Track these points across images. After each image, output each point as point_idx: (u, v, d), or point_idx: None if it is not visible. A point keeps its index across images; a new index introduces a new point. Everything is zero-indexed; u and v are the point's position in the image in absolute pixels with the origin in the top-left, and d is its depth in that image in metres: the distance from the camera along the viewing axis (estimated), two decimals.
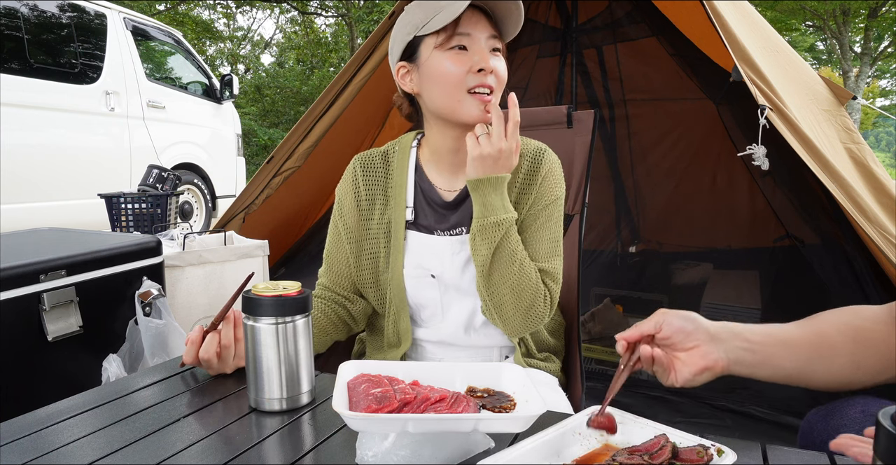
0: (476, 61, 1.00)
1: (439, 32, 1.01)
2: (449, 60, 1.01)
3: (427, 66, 1.03)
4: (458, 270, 1.09)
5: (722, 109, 2.71)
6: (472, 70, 1.00)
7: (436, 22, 1.00)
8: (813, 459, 0.67)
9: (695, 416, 2.24)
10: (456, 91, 1.01)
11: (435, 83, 1.03)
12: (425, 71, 1.04)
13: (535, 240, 1.08)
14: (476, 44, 1.01)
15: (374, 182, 1.14)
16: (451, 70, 1.00)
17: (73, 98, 4.16)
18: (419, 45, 1.04)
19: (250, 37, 18.14)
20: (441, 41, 1.01)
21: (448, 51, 1.01)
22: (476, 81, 1.00)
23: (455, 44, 1.01)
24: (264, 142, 12.87)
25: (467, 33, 1.01)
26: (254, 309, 0.79)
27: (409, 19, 1.05)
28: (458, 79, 1.00)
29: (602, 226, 3.44)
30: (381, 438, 0.65)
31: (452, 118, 1.04)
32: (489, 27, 1.03)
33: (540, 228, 1.09)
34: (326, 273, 1.18)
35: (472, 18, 1.01)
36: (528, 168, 1.11)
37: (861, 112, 14.54)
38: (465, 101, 1.01)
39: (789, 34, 15.30)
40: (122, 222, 2.67)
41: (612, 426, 0.69)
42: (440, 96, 1.03)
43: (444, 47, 1.01)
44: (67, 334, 1.45)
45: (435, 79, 1.02)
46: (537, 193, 1.09)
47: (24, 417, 0.78)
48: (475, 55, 1.01)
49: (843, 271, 2.11)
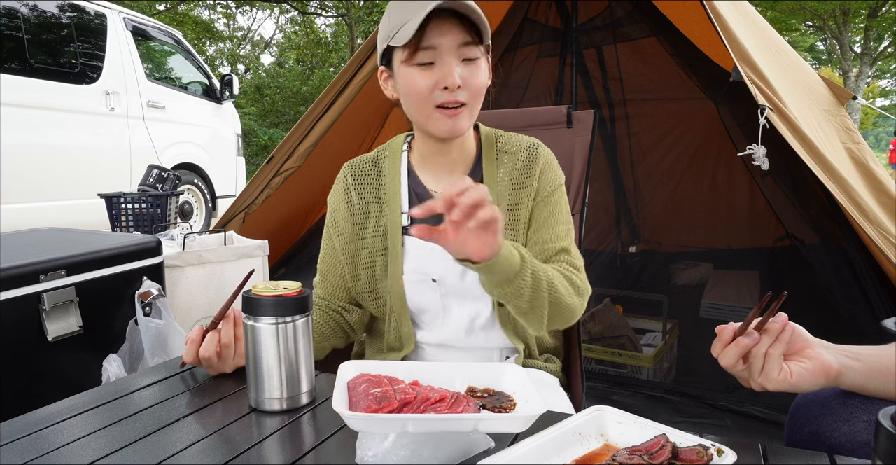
0: (441, 78, 0.95)
1: (405, 47, 0.95)
2: (416, 77, 0.96)
3: (398, 77, 1.01)
4: (458, 274, 1.07)
5: (722, 109, 2.71)
6: (437, 87, 0.96)
7: (400, 36, 0.95)
8: (813, 459, 0.67)
9: (695, 416, 2.24)
10: (424, 107, 0.98)
11: (405, 96, 1.01)
12: (398, 81, 1.01)
13: (551, 224, 1.08)
14: (443, 57, 0.95)
15: (366, 190, 1.12)
16: (417, 86, 0.97)
17: (73, 98, 4.16)
18: (392, 54, 1.01)
19: (250, 37, 18.15)
20: (406, 57, 0.96)
21: (413, 66, 0.97)
22: (444, 97, 0.96)
23: (419, 61, 0.96)
24: (264, 142, 12.86)
25: (433, 47, 0.95)
26: (254, 309, 0.79)
27: (383, 25, 1.02)
28: (425, 95, 0.97)
29: (602, 226, 3.44)
30: (381, 438, 0.65)
31: (424, 131, 1.04)
32: (461, 34, 0.95)
33: (552, 213, 1.08)
34: (321, 284, 1.16)
35: (442, 27, 0.94)
36: (524, 163, 1.09)
37: (861, 112, 14.55)
38: (432, 116, 0.99)
39: (789, 34, 15.30)
40: (122, 222, 2.67)
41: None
42: (411, 109, 1.02)
43: (409, 63, 0.97)
44: (67, 335, 1.45)
45: (404, 92, 1.00)
46: (539, 184, 1.09)
47: (24, 417, 0.78)
48: (442, 70, 0.95)
49: (843, 271, 2.11)
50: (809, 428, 0.80)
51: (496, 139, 1.13)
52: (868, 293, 2.00)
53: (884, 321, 0.51)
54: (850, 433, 0.74)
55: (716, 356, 0.74)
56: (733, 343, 0.72)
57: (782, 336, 0.72)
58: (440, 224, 0.78)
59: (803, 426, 0.81)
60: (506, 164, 1.10)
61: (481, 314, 1.09)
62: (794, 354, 0.73)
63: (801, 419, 0.83)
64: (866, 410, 0.74)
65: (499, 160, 1.11)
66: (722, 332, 0.74)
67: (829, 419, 0.77)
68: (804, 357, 0.72)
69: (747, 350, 0.72)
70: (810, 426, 0.80)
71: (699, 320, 2.87)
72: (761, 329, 0.72)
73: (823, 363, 0.70)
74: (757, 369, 0.72)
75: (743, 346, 0.71)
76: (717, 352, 0.74)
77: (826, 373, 0.70)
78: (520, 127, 1.54)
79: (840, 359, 0.72)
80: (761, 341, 0.71)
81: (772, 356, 0.71)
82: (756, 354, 0.71)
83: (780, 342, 0.71)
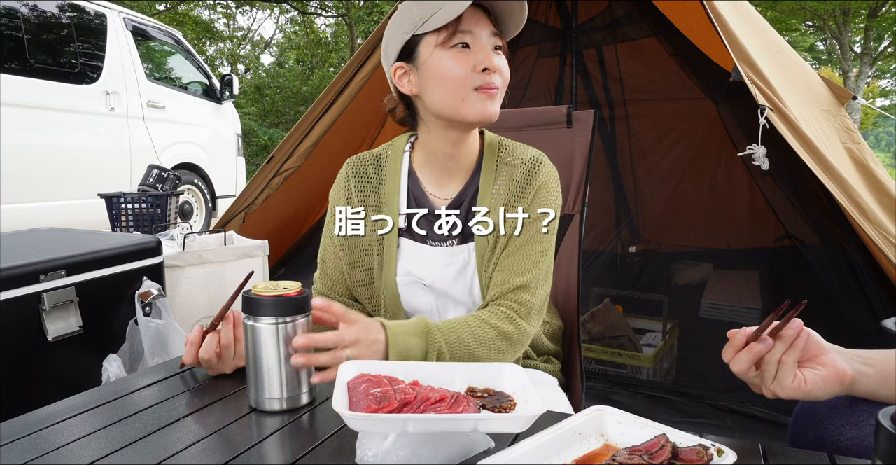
0: (480, 60, 0.97)
1: (440, 30, 0.97)
2: (452, 59, 0.97)
3: (428, 66, 1.00)
4: (449, 280, 1.07)
5: (722, 109, 2.71)
6: (476, 69, 0.97)
7: (436, 19, 0.97)
8: (813, 459, 0.67)
9: (695, 416, 2.24)
10: (460, 90, 0.98)
11: (438, 83, 0.99)
12: (426, 71, 1.00)
13: (523, 253, 1.04)
14: (479, 42, 0.98)
15: (366, 187, 1.11)
16: (454, 69, 0.97)
17: (73, 98, 4.16)
18: (418, 45, 1.01)
19: (250, 37, 18.14)
20: (443, 39, 0.98)
21: (450, 49, 0.98)
22: (481, 80, 0.97)
23: (458, 41, 0.97)
24: (264, 142, 12.86)
25: (469, 31, 0.98)
26: (254, 309, 0.79)
27: (405, 18, 1.01)
28: (463, 78, 0.97)
29: (602, 226, 3.44)
30: (381, 438, 0.65)
31: (456, 118, 1.00)
32: (490, 25, 1.00)
33: (529, 241, 1.04)
34: (321, 278, 1.16)
35: (474, 16, 0.98)
36: (521, 178, 1.06)
37: (861, 112, 14.53)
38: (469, 99, 0.98)
39: (789, 34, 15.29)
40: (122, 222, 2.67)
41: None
42: (443, 96, 0.99)
43: (445, 45, 0.98)
44: (67, 334, 1.45)
45: (438, 78, 0.99)
46: (531, 207, 1.05)
47: (24, 417, 0.78)
48: (479, 53, 0.98)
49: (843, 271, 2.11)
50: (815, 432, 0.78)
51: (499, 149, 1.10)
52: (868, 293, 2.00)
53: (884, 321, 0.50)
54: (857, 438, 0.73)
55: (726, 361, 0.72)
56: (746, 349, 0.70)
57: (797, 343, 0.69)
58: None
59: (808, 430, 0.80)
60: (504, 176, 1.07)
61: None
62: (808, 360, 0.71)
63: (806, 422, 0.81)
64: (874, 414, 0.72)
65: (498, 171, 1.08)
66: (734, 337, 0.71)
67: (836, 423, 0.76)
68: (818, 364, 0.70)
69: (760, 356, 0.69)
70: (816, 430, 0.78)
71: (699, 320, 2.87)
72: (775, 335, 0.70)
73: (838, 370, 0.68)
74: (770, 376, 0.69)
75: (756, 352, 0.69)
76: (728, 357, 0.72)
77: (841, 380, 0.68)
78: (520, 127, 1.54)
79: (854, 365, 0.69)
80: (775, 348, 0.69)
81: (785, 364, 0.68)
82: (769, 361, 0.69)
83: (794, 349, 0.69)
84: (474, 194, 1.07)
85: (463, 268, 1.06)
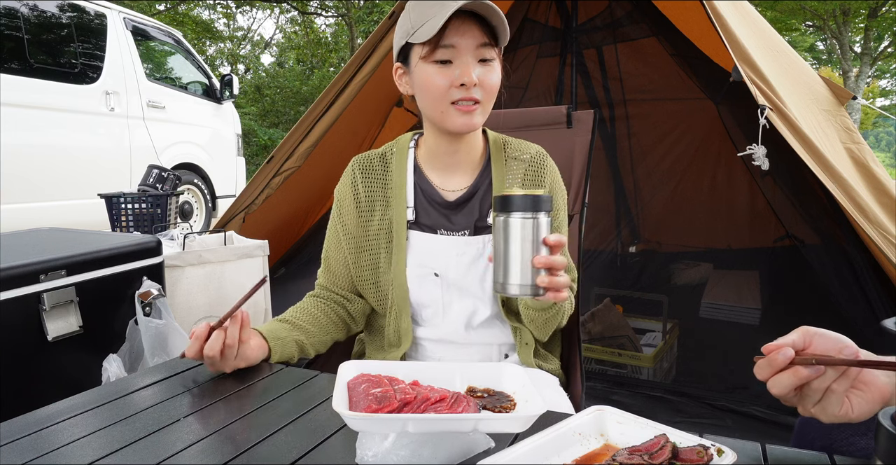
0: (458, 76, 0.99)
1: (425, 44, 0.99)
2: (433, 73, 1.00)
3: (415, 74, 1.04)
4: (462, 270, 1.10)
5: (722, 109, 2.71)
6: (454, 84, 0.99)
7: (420, 34, 0.98)
8: (813, 459, 0.67)
9: (695, 416, 2.24)
10: (440, 103, 1.01)
11: (421, 93, 1.04)
12: (414, 78, 1.05)
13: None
14: (461, 56, 0.99)
15: (373, 184, 1.15)
16: (434, 83, 1.00)
17: (73, 98, 4.16)
18: (410, 51, 1.04)
19: (250, 37, 18.14)
20: (425, 53, 1.00)
21: (432, 63, 1.00)
22: (460, 94, 1.00)
23: (438, 58, 0.99)
24: (264, 142, 12.86)
25: (452, 45, 0.98)
26: (506, 206, 0.84)
27: (403, 22, 1.05)
28: (442, 92, 1.00)
29: (602, 226, 3.44)
30: (381, 438, 0.65)
31: (440, 126, 1.06)
32: (480, 35, 0.99)
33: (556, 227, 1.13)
34: (324, 274, 1.19)
35: (461, 27, 0.98)
36: (535, 172, 1.14)
37: (861, 112, 14.54)
38: (447, 112, 1.02)
39: (789, 34, 15.29)
40: (122, 222, 2.66)
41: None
42: (426, 105, 1.05)
43: (427, 60, 1.00)
44: (67, 334, 1.45)
45: (421, 88, 1.04)
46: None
47: (23, 417, 0.78)
48: (457, 69, 0.99)
49: (843, 271, 2.11)
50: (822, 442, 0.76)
51: (504, 145, 1.16)
52: (868, 293, 2.00)
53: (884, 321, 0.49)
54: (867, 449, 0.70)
55: (761, 380, 0.65)
56: (790, 372, 0.61)
57: (849, 372, 0.62)
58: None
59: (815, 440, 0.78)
60: (515, 170, 1.14)
61: (480, 311, 1.11)
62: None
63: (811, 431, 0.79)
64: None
65: (507, 165, 1.14)
66: (774, 356, 0.62)
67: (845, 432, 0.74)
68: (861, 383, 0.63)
69: (805, 382, 0.61)
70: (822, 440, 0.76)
71: (699, 320, 2.87)
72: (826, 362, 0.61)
73: (880, 388, 0.62)
74: (812, 401, 0.62)
75: (802, 377, 0.61)
76: (764, 375, 0.64)
77: (883, 397, 0.62)
78: (519, 127, 1.54)
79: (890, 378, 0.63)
80: (825, 375, 0.61)
81: (835, 393, 0.61)
82: (817, 388, 0.61)
83: (846, 379, 0.61)
84: (489, 186, 1.13)
85: (476, 258, 1.10)
